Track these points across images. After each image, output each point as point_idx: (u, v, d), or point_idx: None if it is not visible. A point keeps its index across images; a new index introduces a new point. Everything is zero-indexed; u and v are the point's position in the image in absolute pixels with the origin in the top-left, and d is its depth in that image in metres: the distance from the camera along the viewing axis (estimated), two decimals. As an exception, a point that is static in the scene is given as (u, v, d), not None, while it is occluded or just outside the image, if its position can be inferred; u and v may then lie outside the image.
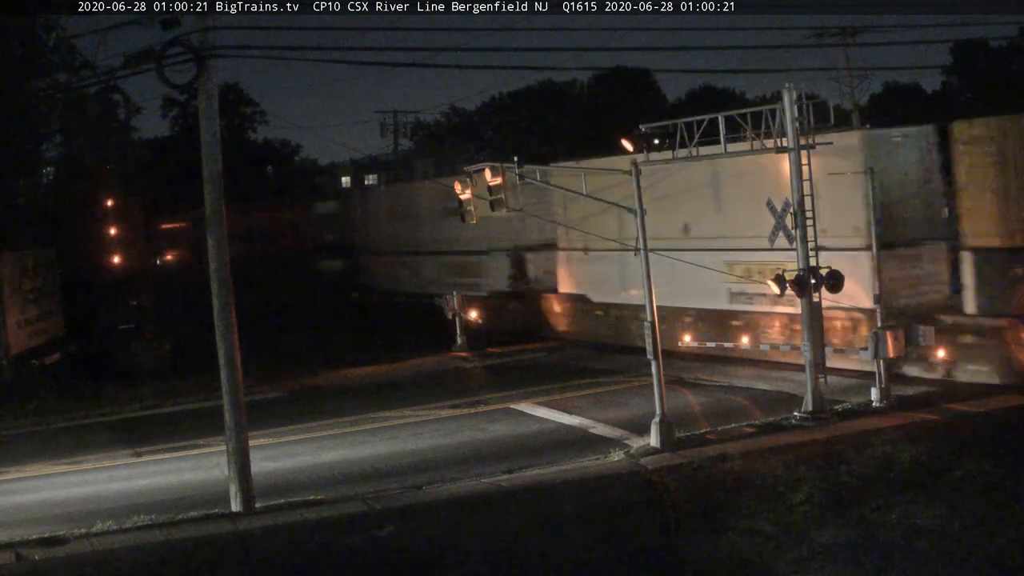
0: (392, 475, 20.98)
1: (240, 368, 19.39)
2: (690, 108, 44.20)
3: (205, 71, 18.61)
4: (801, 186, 23.16)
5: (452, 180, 28.00)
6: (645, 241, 22.11)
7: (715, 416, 23.85)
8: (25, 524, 18.86)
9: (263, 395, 29.83)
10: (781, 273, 22.88)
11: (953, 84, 67.84)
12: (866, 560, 14.96)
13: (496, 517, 17.92)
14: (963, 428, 21.14)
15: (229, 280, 19.29)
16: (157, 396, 31.34)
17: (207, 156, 19.14)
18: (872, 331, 23.59)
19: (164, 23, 18.11)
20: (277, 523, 18.24)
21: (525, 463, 21.00)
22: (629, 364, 29.97)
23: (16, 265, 35.04)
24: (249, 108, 78.52)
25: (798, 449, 20.52)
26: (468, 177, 24.76)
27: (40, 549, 17.24)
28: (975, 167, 24.18)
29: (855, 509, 16.95)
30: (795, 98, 23.01)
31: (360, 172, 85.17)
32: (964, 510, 16.52)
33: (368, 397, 29.53)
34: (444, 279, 43.93)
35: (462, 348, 36.56)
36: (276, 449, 23.71)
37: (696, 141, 24.24)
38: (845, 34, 48.94)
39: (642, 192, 22.16)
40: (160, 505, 19.50)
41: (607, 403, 26.35)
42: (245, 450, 19.26)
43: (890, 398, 23.34)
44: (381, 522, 17.94)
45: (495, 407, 26.92)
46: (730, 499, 18.07)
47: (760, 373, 27.95)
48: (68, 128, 41.71)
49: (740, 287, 28.95)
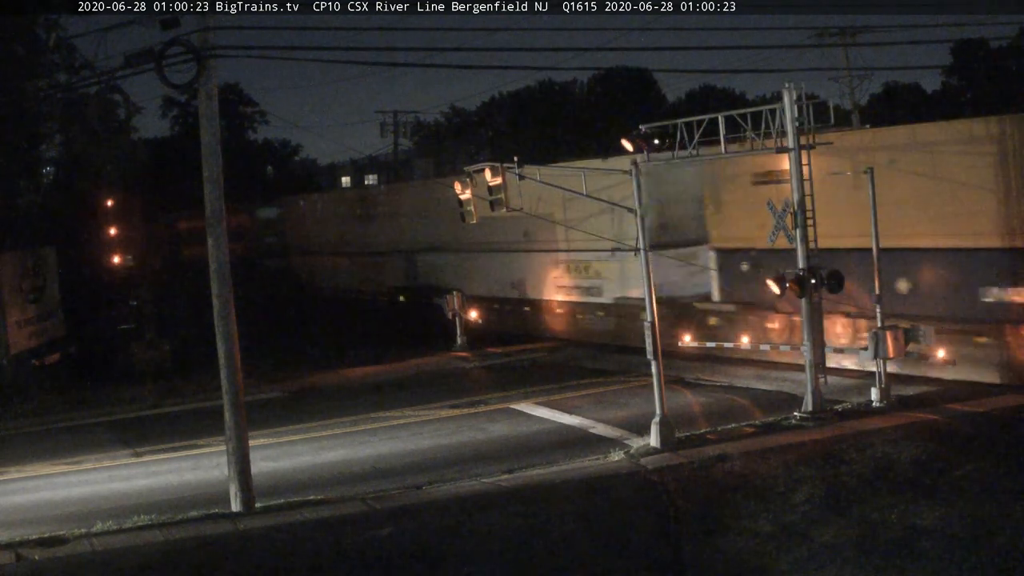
0: (392, 475, 20.98)
1: (240, 368, 19.40)
2: (690, 108, 44.25)
3: (205, 71, 18.61)
4: (802, 186, 23.22)
5: (367, 187, 34.02)
6: (645, 241, 22.13)
7: (715, 416, 23.86)
8: (25, 524, 18.86)
9: (263, 395, 29.86)
10: (781, 273, 22.96)
11: (953, 84, 67.84)
12: (866, 560, 14.96)
13: (496, 517, 17.92)
14: (963, 428, 21.15)
15: (229, 280, 19.29)
16: (157, 396, 31.36)
17: (207, 156, 19.14)
18: (872, 331, 23.62)
19: (164, 23, 18.10)
20: (277, 523, 18.25)
21: (525, 463, 21.01)
22: (629, 364, 30.01)
23: (16, 265, 35.04)
24: (249, 108, 78.57)
25: (798, 449, 20.53)
26: (468, 177, 24.77)
27: (40, 549, 17.24)
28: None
29: (855, 509, 16.95)
30: (795, 98, 23.03)
31: (360, 172, 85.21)
32: (964, 510, 16.53)
33: (368, 397, 29.53)
34: (355, 277, 50.28)
35: (462, 348, 36.64)
36: (276, 449, 23.72)
37: (696, 141, 24.26)
38: (845, 34, 48.91)
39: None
40: (160, 505, 19.50)
41: (607, 403, 26.37)
42: (245, 450, 19.26)
43: (890, 398, 23.36)
44: (381, 522, 17.95)
45: (495, 407, 26.93)
46: (730, 499, 18.07)
47: (760, 373, 27.98)
48: (68, 128, 41.75)
49: (561, 282, 35.77)
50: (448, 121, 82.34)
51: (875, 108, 63.71)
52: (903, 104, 66.64)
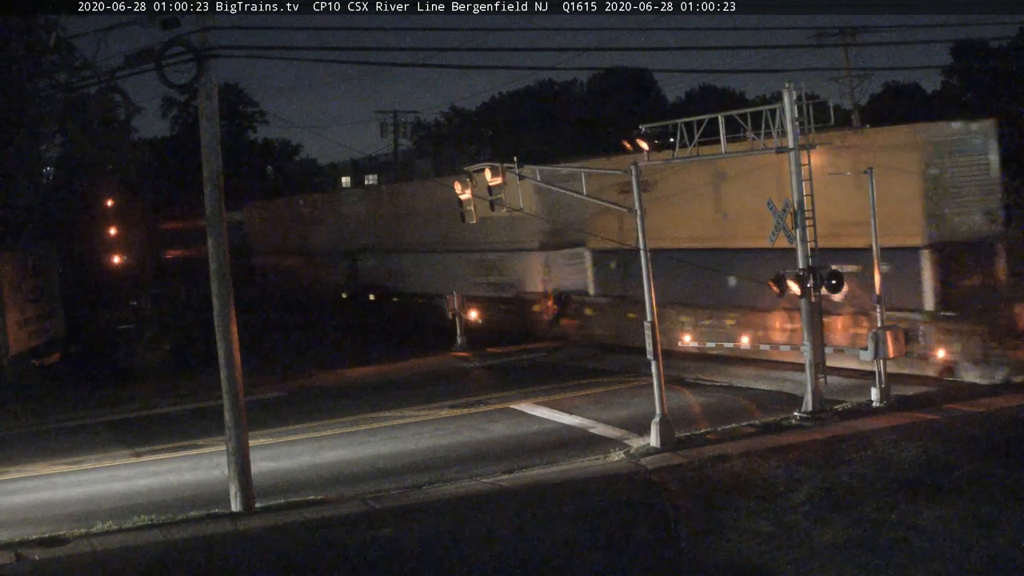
0: (392, 475, 20.98)
1: (240, 368, 19.40)
2: (690, 108, 44.26)
3: (205, 71, 18.62)
4: (801, 186, 23.24)
5: (315, 195, 37.63)
6: (645, 241, 22.13)
7: (715, 416, 23.86)
8: (25, 524, 18.87)
9: (263, 395, 29.86)
10: (781, 273, 22.97)
11: (953, 84, 67.74)
12: (866, 560, 14.95)
13: (496, 517, 17.92)
14: (963, 428, 21.16)
15: (229, 280, 19.30)
16: (157, 396, 31.36)
17: (207, 156, 19.14)
18: (872, 331, 23.64)
19: (164, 23, 18.09)
20: (277, 523, 18.25)
21: (525, 463, 21.01)
22: (629, 364, 30.01)
23: (16, 265, 35.06)
24: (249, 108, 78.56)
25: (798, 449, 20.54)
26: (468, 177, 24.77)
27: (40, 549, 17.25)
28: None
29: (855, 509, 16.94)
30: (795, 98, 23.04)
31: (360, 172, 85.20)
32: (964, 510, 16.52)
33: (368, 397, 29.55)
34: (305, 275, 54.63)
35: (462, 348, 36.71)
36: (276, 449, 23.72)
37: (696, 141, 24.27)
38: (845, 34, 48.88)
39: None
40: (160, 505, 19.51)
41: (607, 403, 26.37)
42: (245, 450, 19.27)
43: (890, 398, 23.36)
44: (381, 522, 17.95)
45: (495, 407, 26.93)
46: (730, 499, 18.06)
47: (760, 373, 28.00)
48: (68, 128, 41.75)
49: (474, 279, 40.33)
50: (448, 121, 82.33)
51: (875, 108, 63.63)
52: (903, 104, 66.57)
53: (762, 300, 27.45)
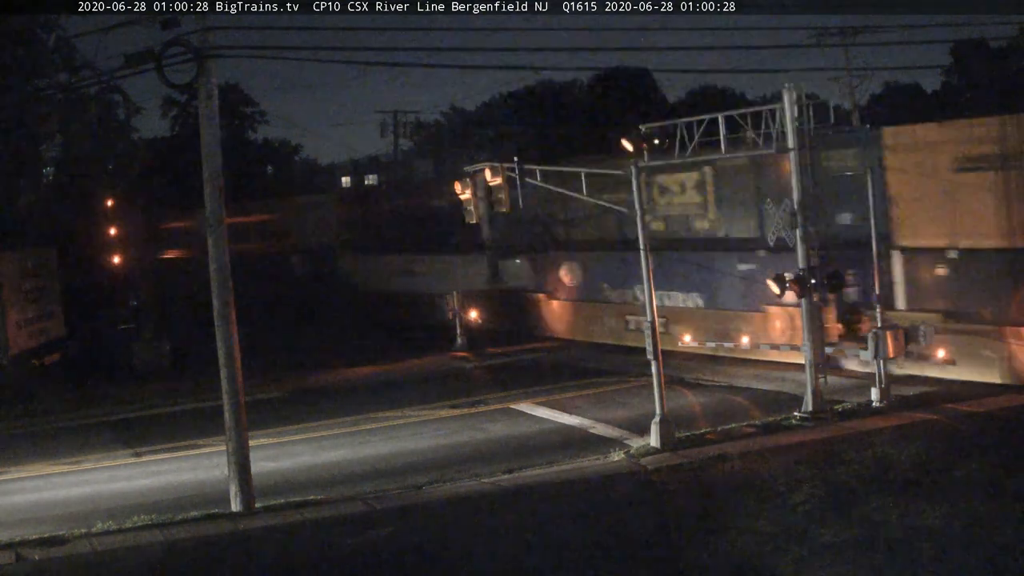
0: (392, 475, 20.98)
1: (240, 368, 19.39)
2: (690, 108, 44.20)
3: (205, 71, 18.61)
4: (801, 186, 23.22)
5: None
6: (645, 241, 22.14)
7: (715, 416, 23.86)
8: (25, 524, 18.86)
9: (263, 395, 29.85)
10: (781, 273, 22.97)
11: (953, 84, 67.72)
12: (866, 560, 14.94)
13: (496, 517, 17.92)
14: (963, 428, 21.16)
15: (229, 280, 19.29)
16: (157, 396, 31.35)
17: (207, 156, 19.14)
18: (872, 331, 23.63)
19: (164, 23, 18.08)
20: (277, 523, 18.24)
21: (525, 463, 21.00)
22: (629, 364, 30.00)
23: (16, 265, 35.04)
24: (249, 108, 78.48)
25: (798, 449, 20.53)
26: (468, 177, 24.78)
27: (40, 549, 17.24)
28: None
29: (855, 509, 16.94)
30: (795, 98, 23.02)
31: (360, 172, 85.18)
32: (964, 510, 16.51)
33: (368, 397, 29.54)
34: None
35: (462, 348, 36.68)
36: (276, 449, 23.71)
37: (696, 141, 24.26)
38: (845, 34, 48.82)
39: None
40: (160, 505, 19.50)
41: (607, 403, 26.37)
42: (245, 450, 19.26)
43: (890, 398, 23.36)
44: (381, 522, 17.94)
45: (495, 407, 26.93)
46: (730, 499, 18.06)
47: (760, 373, 27.99)
48: (68, 128, 41.76)
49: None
50: (448, 121, 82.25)
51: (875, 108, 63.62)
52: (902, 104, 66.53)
53: None
